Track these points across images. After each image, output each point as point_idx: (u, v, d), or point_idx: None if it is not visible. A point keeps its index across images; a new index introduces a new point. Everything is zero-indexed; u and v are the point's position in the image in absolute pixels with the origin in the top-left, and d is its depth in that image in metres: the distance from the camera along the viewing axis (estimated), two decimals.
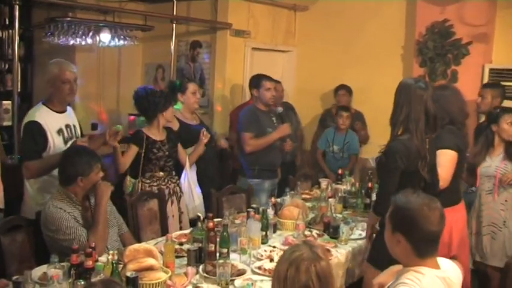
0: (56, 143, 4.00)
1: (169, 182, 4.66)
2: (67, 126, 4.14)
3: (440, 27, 6.05)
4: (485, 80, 5.84)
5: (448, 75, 6.07)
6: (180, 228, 4.53)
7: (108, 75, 7.51)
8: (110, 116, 7.53)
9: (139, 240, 3.96)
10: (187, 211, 4.76)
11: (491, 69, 5.89)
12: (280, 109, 5.52)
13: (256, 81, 5.46)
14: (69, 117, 4.23)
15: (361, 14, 6.94)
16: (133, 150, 4.48)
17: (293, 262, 2.06)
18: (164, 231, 4.38)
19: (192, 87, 5.09)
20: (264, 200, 5.15)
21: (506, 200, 4.51)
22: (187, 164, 4.80)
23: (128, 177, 4.57)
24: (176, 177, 4.74)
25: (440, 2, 6.07)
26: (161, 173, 4.59)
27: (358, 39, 6.98)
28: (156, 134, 4.58)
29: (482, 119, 5.25)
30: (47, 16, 6.61)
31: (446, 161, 3.72)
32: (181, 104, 5.09)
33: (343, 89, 6.72)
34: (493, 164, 4.54)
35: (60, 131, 4.06)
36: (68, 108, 4.26)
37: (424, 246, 2.31)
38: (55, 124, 4.04)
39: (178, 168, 4.81)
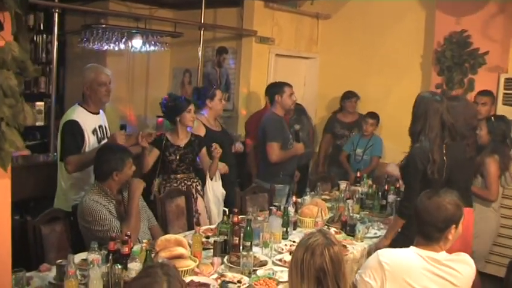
0: (91, 142, 4.26)
1: (185, 183, 4.83)
2: (100, 127, 4.42)
3: (458, 38, 6.20)
4: (501, 89, 6.01)
5: (465, 83, 6.20)
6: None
7: (137, 79, 7.80)
8: (138, 118, 7.82)
9: None
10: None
11: (506, 79, 6.05)
12: (297, 126, 5.71)
13: (278, 87, 5.67)
14: (102, 119, 4.50)
15: (381, 23, 7.15)
16: (155, 152, 4.71)
17: (309, 247, 2.29)
18: (190, 226, 4.64)
19: (219, 94, 5.28)
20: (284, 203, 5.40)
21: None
22: (208, 177, 4.94)
23: (156, 179, 4.79)
24: (197, 178, 4.92)
25: (458, 13, 6.22)
26: (178, 176, 4.79)
27: (379, 48, 7.19)
28: (176, 138, 4.80)
29: None
30: (80, 22, 6.94)
31: None
32: (207, 111, 5.25)
33: (355, 97, 6.91)
34: None
35: (94, 131, 4.33)
36: (100, 110, 4.53)
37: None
38: (90, 124, 4.31)
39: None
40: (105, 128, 4.53)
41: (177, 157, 4.77)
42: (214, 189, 4.99)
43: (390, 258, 2.68)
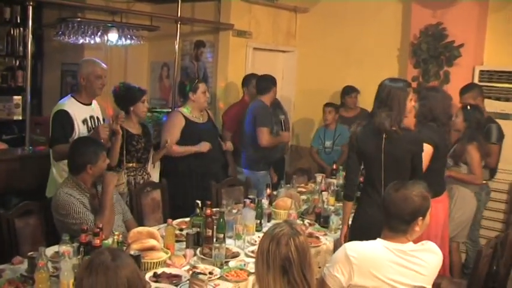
0: (81, 131, 4.39)
1: (144, 173, 4.85)
2: (91, 117, 4.54)
3: (434, 30, 6.24)
4: (476, 81, 6.05)
5: (441, 76, 6.26)
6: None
7: (115, 72, 7.70)
8: (116, 111, 7.77)
9: None
10: None
11: (481, 71, 6.13)
12: (282, 116, 5.83)
13: (274, 80, 5.94)
14: (94, 110, 4.63)
15: (359, 16, 7.18)
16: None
17: (274, 237, 2.31)
18: (166, 219, 4.65)
19: (202, 87, 5.23)
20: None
21: None
22: (150, 162, 4.98)
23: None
24: (148, 170, 4.96)
25: (434, 5, 6.27)
26: (134, 164, 4.77)
27: (357, 41, 7.22)
28: (132, 127, 4.77)
29: None
30: (57, 16, 6.87)
31: None
32: (191, 104, 5.21)
33: (355, 92, 6.88)
34: None
35: (84, 121, 4.46)
36: (93, 102, 4.64)
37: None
38: (81, 114, 4.44)
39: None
40: (98, 118, 4.63)
41: (143, 145, 4.80)
42: (154, 176, 5.08)
43: (357, 252, 2.70)
